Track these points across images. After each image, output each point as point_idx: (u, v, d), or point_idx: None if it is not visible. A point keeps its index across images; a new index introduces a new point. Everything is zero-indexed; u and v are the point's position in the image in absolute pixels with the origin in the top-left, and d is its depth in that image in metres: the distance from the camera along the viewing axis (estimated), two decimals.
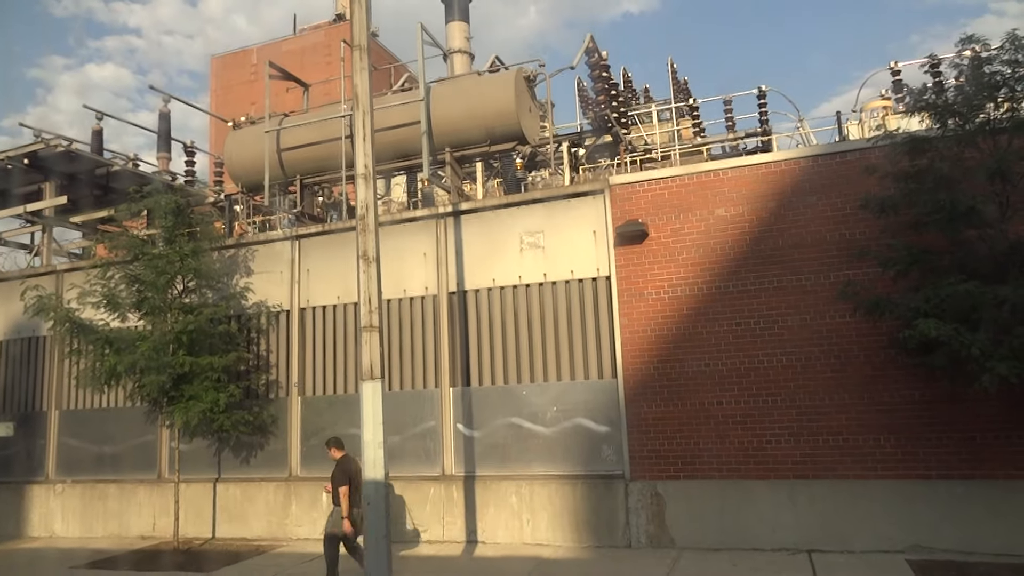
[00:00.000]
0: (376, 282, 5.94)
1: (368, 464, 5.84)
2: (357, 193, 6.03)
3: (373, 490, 5.82)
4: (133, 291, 10.84)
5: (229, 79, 48.15)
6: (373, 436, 5.74)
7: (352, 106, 6.17)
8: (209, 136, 40.21)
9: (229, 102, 40.71)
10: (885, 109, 19.44)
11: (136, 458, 12.98)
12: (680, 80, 27.03)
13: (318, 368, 12.06)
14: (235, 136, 14.59)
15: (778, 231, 9.62)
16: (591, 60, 20.02)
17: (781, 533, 9.04)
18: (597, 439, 10.20)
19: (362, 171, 6.01)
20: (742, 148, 24.89)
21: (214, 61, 51.78)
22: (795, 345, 9.34)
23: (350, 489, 8.01)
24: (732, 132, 26.24)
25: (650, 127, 24.28)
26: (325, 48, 43.89)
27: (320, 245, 12.35)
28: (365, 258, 5.91)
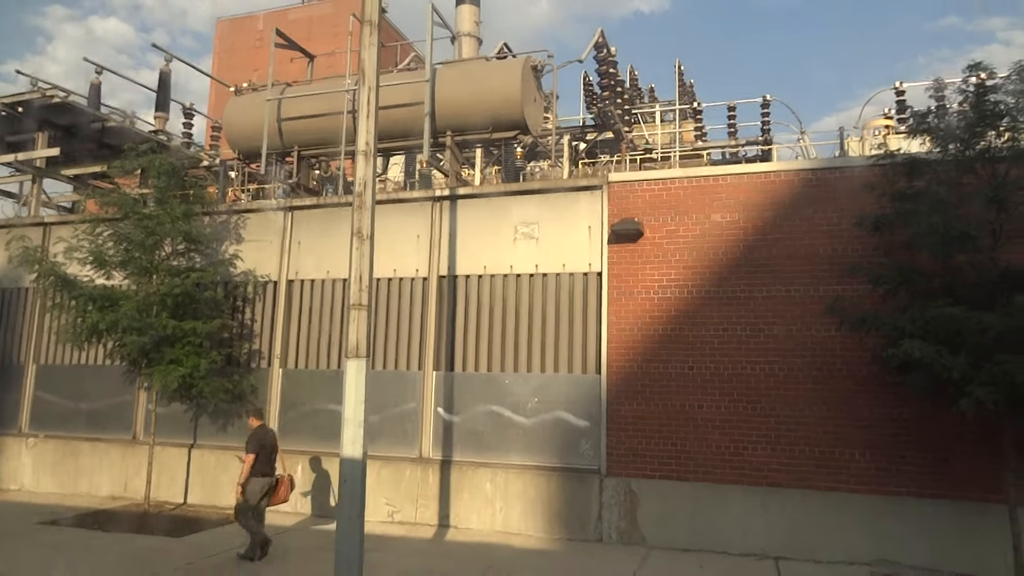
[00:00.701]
0: (369, 260, 5.91)
1: (347, 442, 5.83)
2: (356, 170, 5.99)
3: (350, 469, 5.81)
4: (121, 249, 10.72)
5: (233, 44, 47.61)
6: (354, 414, 5.72)
7: (357, 81, 6.12)
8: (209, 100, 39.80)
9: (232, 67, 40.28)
10: (887, 128, 19.54)
11: (111, 417, 12.90)
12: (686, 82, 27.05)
13: (302, 341, 12.01)
14: (236, 102, 14.44)
15: (772, 241, 9.67)
16: (600, 55, 20.00)
17: (751, 538, 9.14)
18: (576, 433, 10.25)
19: (363, 148, 5.96)
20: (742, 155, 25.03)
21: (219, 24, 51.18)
22: (779, 354, 9.41)
23: (258, 460, 8.24)
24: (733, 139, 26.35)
25: (652, 127, 24.29)
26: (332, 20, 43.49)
27: (313, 218, 12.28)
28: (359, 235, 5.87)
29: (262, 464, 8.33)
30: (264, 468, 8.35)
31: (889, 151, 8.58)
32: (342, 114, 13.04)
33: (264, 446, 8.37)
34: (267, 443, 8.45)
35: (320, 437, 11.50)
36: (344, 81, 13.11)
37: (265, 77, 14.69)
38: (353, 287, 5.79)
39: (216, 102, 36.43)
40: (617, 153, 21.56)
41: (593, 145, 21.88)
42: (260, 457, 8.30)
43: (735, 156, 24.72)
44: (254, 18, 49.94)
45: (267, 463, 8.40)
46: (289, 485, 8.76)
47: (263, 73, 25.66)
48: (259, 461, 8.30)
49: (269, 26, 49.66)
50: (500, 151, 16.02)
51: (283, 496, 8.70)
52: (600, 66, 20.47)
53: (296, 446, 11.56)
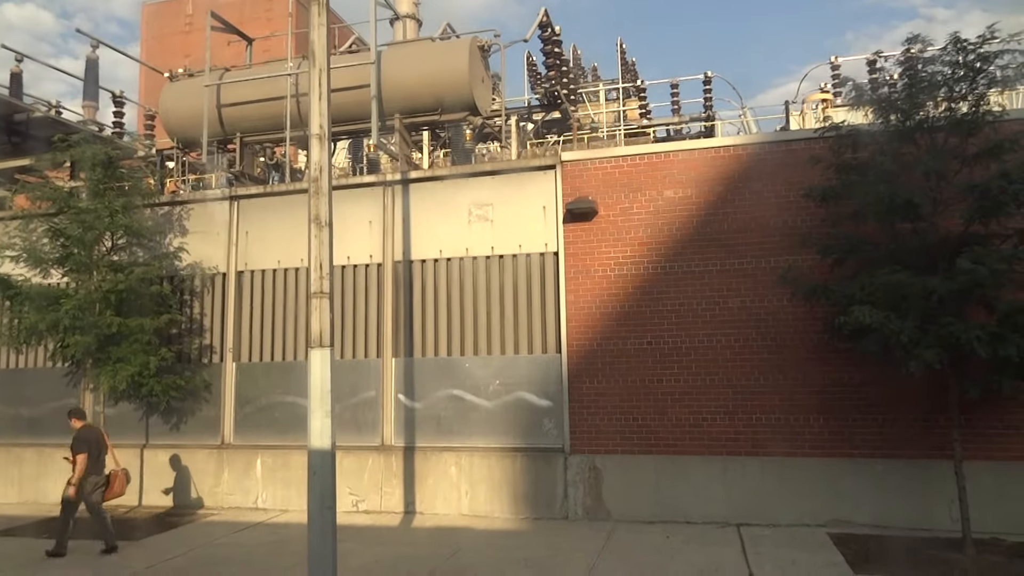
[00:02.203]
0: (328, 247, 5.77)
1: (315, 433, 5.71)
2: (310, 154, 5.81)
3: (320, 460, 5.70)
4: (57, 246, 10.23)
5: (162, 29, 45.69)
6: (320, 405, 5.61)
7: (299, 64, 5.93)
8: (139, 88, 38.21)
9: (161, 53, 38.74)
10: (825, 102, 20.01)
11: (56, 422, 12.32)
12: (628, 61, 27.19)
13: (255, 334, 11.72)
14: (171, 88, 13.88)
15: (724, 215, 9.83)
16: (544, 35, 19.87)
17: (713, 507, 9.37)
18: (538, 413, 10.30)
19: (317, 131, 5.79)
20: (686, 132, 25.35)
21: (145, 8, 49.08)
22: (734, 327, 9.61)
23: (88, 458, 8.42)
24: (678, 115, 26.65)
25: (597, 106, 24.37)
26: (265, 3, 42.21)
27: (260, 207, 11.94)
28: (317, 222, 5.72)
29: (90, 462, 8.51)
30: (92, 466, 8.53)
31: (833, 124, 8.78)
32: (285, 99, 12.66)
33: (92, 444, 8.56)
34: (95, 441, 8.63)
35: (278, 431, 11.29)
36: (286, 64, 12.71)
37: (199, 62, 14.17)
38: (313, 275, 5.65)
39: (147, 90, 34.95)
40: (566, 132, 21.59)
41: (540, 125, 21.85)
42: (90, 455, 8.47)
43: (679, 133, 25.04)
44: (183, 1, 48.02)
45: (96, 461, 8.59)
46: (124, 479, 8.97)
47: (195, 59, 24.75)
48: (89, 459, 8.47)
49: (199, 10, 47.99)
50: (448, 133, 15.82)
51: (118, 490, 8.91)
52: (545, 45, 20.36)
53: (254, 440, 11.34)
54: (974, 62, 7.91)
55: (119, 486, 8.88)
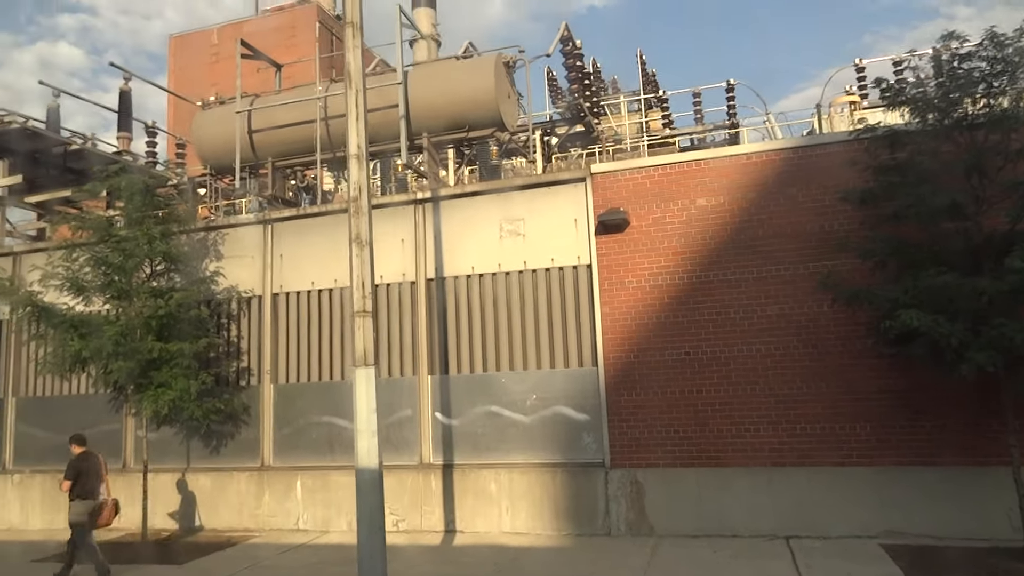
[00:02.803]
0: (369, 266, 5.79)
1: (362, 453, 5.70)
2: (350, 174, 5.85)
3: (368, 480, 5.68)
4: (99, 274, 10.43)
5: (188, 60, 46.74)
6: (367, 424, 5.61)
7: (344, 84, 5.99)
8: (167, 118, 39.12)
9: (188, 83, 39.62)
10: (852, 104, 19.79)
11: (99, 447, 12.41)
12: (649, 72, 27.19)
13: (291, 355, 11.81)
14: (204, 116, 14.15)
15: (758, 221, 9.70)
16: (565, 49, 19.96)
17: (759, 520, 9.17)
18: (577, 427, 10.20)
19: (355, 151, 5.83)
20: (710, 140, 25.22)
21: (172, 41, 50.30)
22: (773, 334, 9.44)
23: (74, 484, 8.55)
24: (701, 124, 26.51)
25: (619, 118, 24.36)
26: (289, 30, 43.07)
27: (294, 229, 12.07)
28: (358, 241, 5.74)
29: (83, 489, 8.59)
30: (84, 492, 8.59)
31: (869, 125, 8.64)
32: (315, 122, 12.84)
33: (84, 472, 8.63)
34: (86, 469, 8.69)
35: (317, 451, 11.32)
36: (315, 88, 12.90)
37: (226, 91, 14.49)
38: (355, 294, 5.67)
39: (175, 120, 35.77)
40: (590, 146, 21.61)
41: (565, 139, 21.89)
42: (80, 482, 8.57)
43: (703, 142, 24.92)
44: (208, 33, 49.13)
45: (88, 488, 8.63)
46: (113, 509, 8.95)
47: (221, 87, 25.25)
48: (79, 485, 8.56)
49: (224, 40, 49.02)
50: (472, 150, 15.91)
51: (107, 519, 8.88)
52: (567, 59, 20.45)
53: (294, 462, 11.39)
54: (1012, 56, 7.75)
55: (107, 515, 8.88)
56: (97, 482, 8.76)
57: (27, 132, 16.66)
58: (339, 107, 12.99)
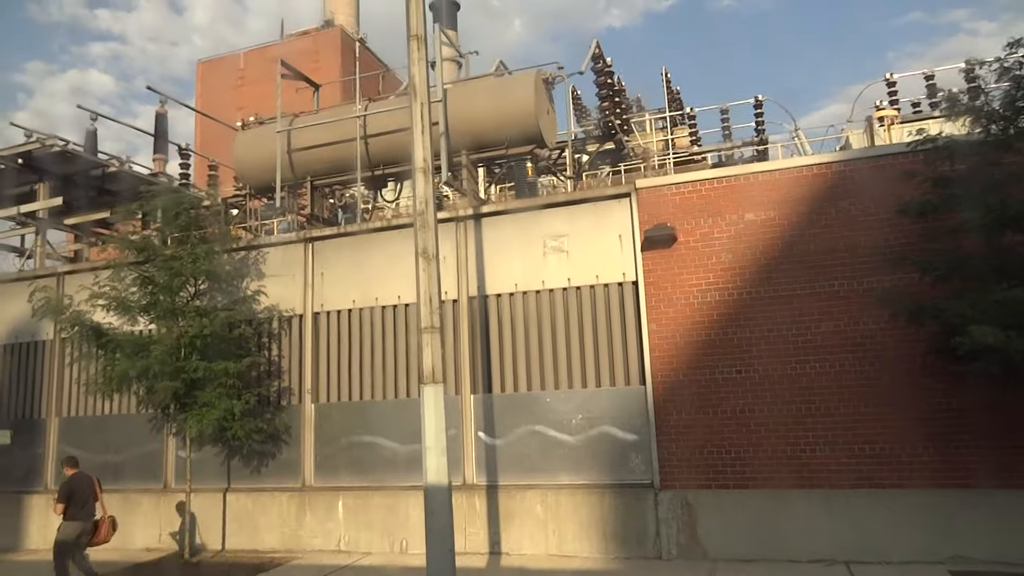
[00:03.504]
0: (437, 281, 5.70)
1: (431, 472, 5.56)
2: (415, 188, 5.79)
3: (437, 500, 5.53)
4: (146, 293, 10.47)
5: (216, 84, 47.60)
6: (436, 442, 5.48)
7: (409, 98, 5.94)
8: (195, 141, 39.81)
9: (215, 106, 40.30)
10: (891, 118, 19.53)
11: (140, 467, 12.58)
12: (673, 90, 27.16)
13: (332, 374, 11.74)
14: (243, 136, 14.27)
15: (810, 236, 9.49)
16: (596, 67, 19.96)
17: (817, 544, 8.86)
18: (625, 447, 9.99)
19: (420, 164, 5.77)
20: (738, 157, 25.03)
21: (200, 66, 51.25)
22: (829, 352, 9.19)
23: (72, 506, 8.68)
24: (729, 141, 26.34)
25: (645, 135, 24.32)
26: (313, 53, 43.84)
27: (334, 248, 12.06)
28: (425, 255, 5.66)
29: (76, 509, 8.73)
30: (77, 513, 8.74)
31: (929, 136, 8.42)
32: (355, 140, 12.87)
33: (77, 492, 8.77)
34: (79, 490, 8.82)
35: (358, 472, 11.21)
36: (354, 108, 12.95)
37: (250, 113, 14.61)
38: (423, 310, 5.57)
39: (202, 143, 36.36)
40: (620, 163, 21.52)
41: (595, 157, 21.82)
42: (74, 502, 8.71)
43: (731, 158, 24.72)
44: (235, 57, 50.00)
45: (81, 508, 8.78)
46: (110, 526, 9.12)
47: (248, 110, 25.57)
48: (72, 506, 8.69)
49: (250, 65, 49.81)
50: (503, 168, 15.86)
51: (103, 537, 9.03)
52: (598, 77, 20.44)
53: (335, 482, 11.28)
54: None
55: (104, 533, 9.03)
56: (91, 502, 8.94)
57: (67, 155, 16.95)
58: (378, 126, 13.04)
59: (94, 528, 8.93)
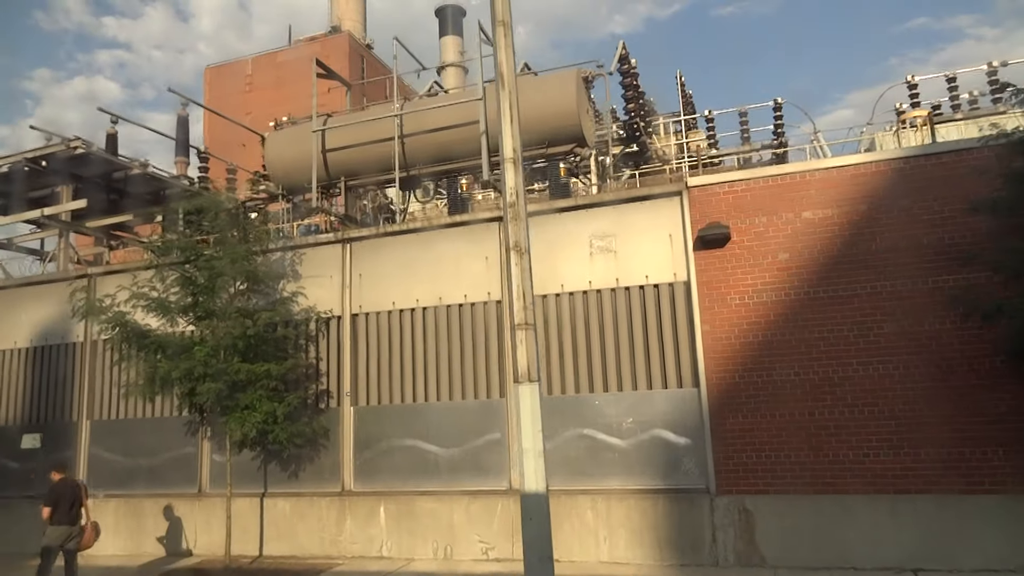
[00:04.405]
0: (529, 275, 5.48)
1: (528, 476, 5.34)
2: (505, 179, 5.58)
3: (535, 505, 5.31)
4: (187, 294, 10.27)
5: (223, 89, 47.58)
6: (533, 444, 5.25)
7: (496, 87, 5.75)
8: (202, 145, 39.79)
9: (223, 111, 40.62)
10: (924, 118, 19.31)
11: (174, 471, 12.36)
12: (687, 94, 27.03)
13: (372, 377, 11.52)
14: (276, 136, 14.10)
15: (870, 235, 9.25)
16: (622, 68, 19.78)
17: (882, 551, 8.60)
18: (677, 451, 9.75)
19: (510, 155, 5.56)
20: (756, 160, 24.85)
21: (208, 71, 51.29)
22: (892, 353, 8.94)
23: (57, 511, 8.77)
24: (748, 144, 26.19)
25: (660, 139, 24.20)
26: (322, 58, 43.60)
27: (372, 248, 11.86)
28: (517, 249, 5.46)
29: (61, 514, 8.80)
30: (62, 518, 8.81)
31: (1003, 131, 8.19)
32: (392, 140, 12.69)
33: (63, 497, 8.86)
34: (66, 494, 8.91)
35: (401, 476, 10.98)
36: (392, 107, 12.78)
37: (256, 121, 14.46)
38: (516, 305, 5.36)
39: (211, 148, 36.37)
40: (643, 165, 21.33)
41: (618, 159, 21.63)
42: (61, 507, 8.80)
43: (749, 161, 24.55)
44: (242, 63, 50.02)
45: (66, 514, 8.85)
46: (93, 532, 9.17)
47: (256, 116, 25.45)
48: (58, 512, 8.78)
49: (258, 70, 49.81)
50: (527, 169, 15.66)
51: (88, 541, 9.11)
52: (624, 79, 20.25)
53: (376, 487, 11.05)
54: None
55: (88, 538, 9.09)
56: (77, 508, 9.00)
57: (90, 157, 16.80)
58: (413, 126, 12.86)
59: (81, 531, 9.03)
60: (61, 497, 8.86)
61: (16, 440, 13.47)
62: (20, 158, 16.80)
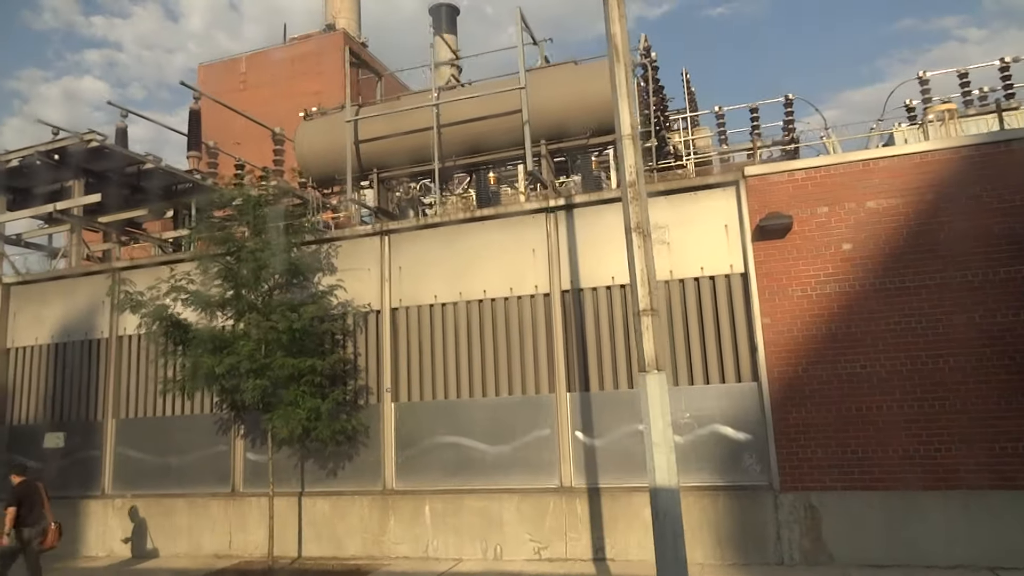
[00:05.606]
0: (652, 258, 5.18)
1: (660, 471, 5.04)
2: (624, 157, 5.29)
3: (667, 502, 5.01)
4: (228, 287, 9.92)
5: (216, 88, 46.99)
6: (663, 438, 4.95)
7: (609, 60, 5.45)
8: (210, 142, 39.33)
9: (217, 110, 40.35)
10: (948, 112, 19.17)
11: (206, 470, 12.00)
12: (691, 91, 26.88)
13: (413, 372, 11.21)
14: (306, 127, 13.75)
15: (938, 224, 9.01)
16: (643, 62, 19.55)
17: (957, 548, 8.36)
18: (737, 447, 9.48)
19: (627, 132, 5.28)
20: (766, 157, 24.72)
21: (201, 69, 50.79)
22: (964, 346, 8.70)
23: (19, 510, 8.85)
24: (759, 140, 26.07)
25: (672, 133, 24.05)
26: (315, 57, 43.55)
27: (411, 241, 11.54)
28: (639, 231, 5.17)
29: (25, 515, 8.92)
30: (27, 519, 8.92)
31: None
32: (428, 130, 12.38)
33: (25, 499, 8.96)
34: (28, 497, 9.01)
35: (445, 474, 10.67)
36: (429, 96, 12.48)
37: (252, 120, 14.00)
38: (640, 291, 5.07)
39: None
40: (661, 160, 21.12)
41: None
42: (23, 509, 8.90)
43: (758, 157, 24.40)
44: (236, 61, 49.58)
45: (29, 514, 8.96)
46: (56, 532, 9.23)
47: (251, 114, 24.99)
48: (21, 513, 8.87)
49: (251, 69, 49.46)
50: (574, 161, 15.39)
51: (51, 542, 9.18)
52: (644, 72, 20.03)
53: (420, 485, 10.73)
54: None
55: (51, 538, 9.15)
56: (39, 509, 9.08)
57: (104, 151, 16.40)
58: (448, 116, 12.56)
59: (43, 533, 9.07)
60: (24, 499, 8.96)
61: (39, 439, 13.07)
62: (33, 152, 16.38)
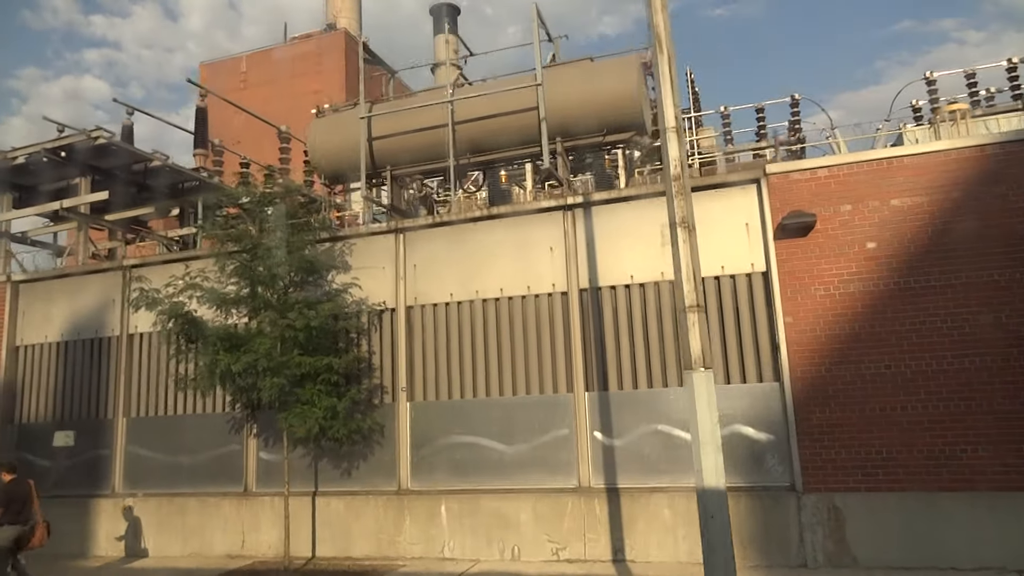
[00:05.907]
0: (697, 253, 5.08)
1: (708, 472, 4.95)
2: (668, 150, 5.20)
3: (715, 503, 4.92)
4: (245, 284, 9.82)
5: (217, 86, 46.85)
6: (711, 437, 4.87)
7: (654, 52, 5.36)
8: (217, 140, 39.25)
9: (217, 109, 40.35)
10: (960, 112, 19.07)
11: (218, 470, 11.90)
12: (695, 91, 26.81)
13: (429, 371, 11.11)
14: (319, 124, 13.64)
15: (964, 223, 8.92)
16: None
17: (983, 551, 8.27)
18: (759, 448, 9.40)
19: (671, 124, 5.18)
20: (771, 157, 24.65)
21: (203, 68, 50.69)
22: (990, 345, 8.62)
23: (9, 511, 8.82)
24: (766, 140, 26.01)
25: None
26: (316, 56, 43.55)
27: (427, 239, 11.44)
28: (684, 226, 5.06)
29: (14, 514, 8.88)
30: (15, 517, 8.90)
31: None
32: (443, 127, 12.28)
33: (15, 498, 8.94)
34: (18, 495, 9.00)
35: (461, 474, 10.58)
36: (444, 92, 12.37)
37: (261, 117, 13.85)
38: (686, 287, 4.97)
39: None
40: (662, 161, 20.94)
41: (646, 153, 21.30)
42: (12, 507, 8.87)
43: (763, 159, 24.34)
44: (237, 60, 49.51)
45: (19, 513, 8.92)
46: (45, 531, 9.20)
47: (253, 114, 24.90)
48: (10, 511, 8.86)
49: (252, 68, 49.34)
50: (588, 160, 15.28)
51: (40, 540, 9.14)
52: None
53: (435, 485, 10.63)
54: None
55: (40, 536, 9.11)
56: (28, 507, 9.05)
57: (111, 148, 16.27)
58: (463, 113, 12.45)
59: (31, 532, 9.04)
60: (13, 497, 8.93)
61: (48, 438, 12.96)
62: (39, 148, 16.26)
